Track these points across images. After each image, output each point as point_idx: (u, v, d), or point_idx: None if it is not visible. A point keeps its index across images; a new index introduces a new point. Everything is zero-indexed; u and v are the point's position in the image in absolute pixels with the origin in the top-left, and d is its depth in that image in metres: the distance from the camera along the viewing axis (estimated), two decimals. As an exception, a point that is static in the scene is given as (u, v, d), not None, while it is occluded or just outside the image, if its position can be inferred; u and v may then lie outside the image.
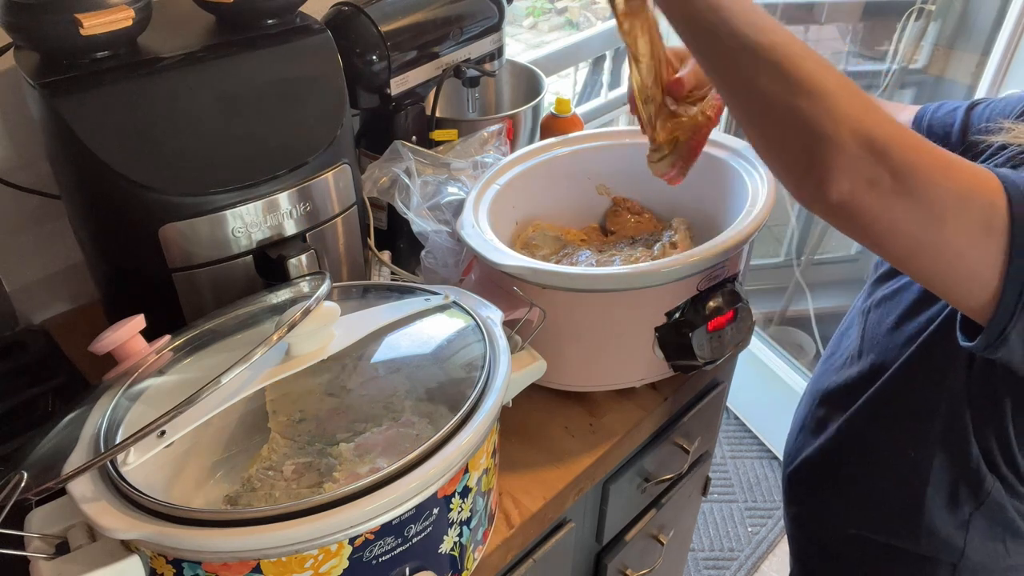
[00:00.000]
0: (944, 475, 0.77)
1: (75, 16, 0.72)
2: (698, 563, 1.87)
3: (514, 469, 0.85)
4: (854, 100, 0.56)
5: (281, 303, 0.76)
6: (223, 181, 0.77)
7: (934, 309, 0.75)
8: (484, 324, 0.72)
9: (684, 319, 0.84)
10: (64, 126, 0.72)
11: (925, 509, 0.79)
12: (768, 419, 2.15)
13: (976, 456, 0.75)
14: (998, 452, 0.74)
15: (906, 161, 0.55)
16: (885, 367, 0.80)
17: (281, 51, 0.84)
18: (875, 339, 0.83)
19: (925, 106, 0.87)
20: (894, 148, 0.54)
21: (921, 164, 0.55)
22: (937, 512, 0.78)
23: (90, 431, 0.62)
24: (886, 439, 0.81)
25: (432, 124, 1.11)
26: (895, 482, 0.81)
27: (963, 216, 0.56)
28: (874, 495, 0.84)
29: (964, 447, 0.75)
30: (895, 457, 0.80)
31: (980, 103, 0.82)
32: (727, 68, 0.61)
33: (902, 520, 0.81)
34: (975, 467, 0.75)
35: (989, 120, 0.79)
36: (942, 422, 0.76)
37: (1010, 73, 1.54)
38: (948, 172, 0.55)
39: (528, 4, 2.25)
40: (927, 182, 0.55)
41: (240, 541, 0.53)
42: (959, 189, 0.55)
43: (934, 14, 1.87)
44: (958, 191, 0.55)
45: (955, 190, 0.55)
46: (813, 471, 0.91)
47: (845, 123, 0.55)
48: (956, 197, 0.55)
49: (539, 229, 1.03)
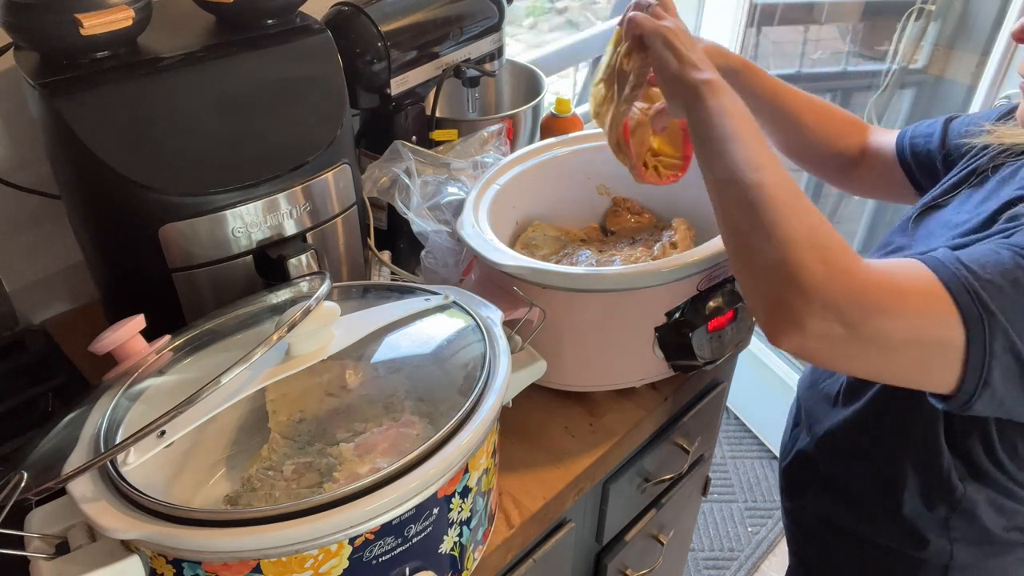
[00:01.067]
0: (916, 482, 0.78)
1: (75, 16, 0.71)
2: (698, 563, 1.87)
3: (514, 469, 0.85)
4: (814, 254, 0.59)
5: (281, 303, 0.76)
6: (223, 181, 0.77)
7: None
8: (484, 324, 0.72)
9: (684, 319, 0.84)
10: (64, 126, 0.72)
11: (905, 512, 0.79)
12: (768, 419, 2.15)
13: (948, 466, 0.75)
14: (984, 455, 0.74)
15: (857, 312, 0.58)
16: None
17: (281, 51, 0.84)
18: None
19: (903, 130, 0.91)
20: (845, 302, 0.58)
21: (873, 308, 0.58)
22: (917, 514, 0.79)
23: (90, 431, 0.62)
24: (869, 443, 0.82)
25: (432, 124, 1.11)
26: (877, 485, 0.82)
27: (919, 342, 0.60)
28: (860, 495, 0.84)
29: (935, 460, 0.76)
30: (877, 460, 0.81)
31: (956, 117, 0.86)
32: (717, 188, 0.67)
33: (887, 520, 0.81)
34: (946, 477, 0.76)
35: (968, 127, 0.81)
36: (915, 433, 0.76)
37: (1010, 73, 1.54)
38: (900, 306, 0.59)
39: (528, 4, 2.25)
40: (879, 326, 0.58)
41: (240, 541, 0.53)
42: (910, 322, 0.59)
43: (934, 14, 1.87)
44: (909, 325, 0.59)
45: (906, 324, 0.59)
46: (805, 466, 0.91)
47: (798, 278, 0.58)
48: (909, 330, 0.59)
49: (539, 229, 1.03)
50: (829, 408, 0.87)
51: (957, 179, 0.79)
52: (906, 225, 0.82)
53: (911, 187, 0.90)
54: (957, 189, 0.78)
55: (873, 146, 0.93)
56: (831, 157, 0.94)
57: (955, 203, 0.77)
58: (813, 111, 0.92)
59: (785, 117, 0.92)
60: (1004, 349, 0.59)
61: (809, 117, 0.92)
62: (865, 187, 0.98)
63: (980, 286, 0.58)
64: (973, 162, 0.78)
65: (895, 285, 0.59)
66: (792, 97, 0.91)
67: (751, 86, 0.89)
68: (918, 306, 0.59)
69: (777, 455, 2.12)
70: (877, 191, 0.97)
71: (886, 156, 0.91)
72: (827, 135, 0.93)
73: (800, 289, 0.58)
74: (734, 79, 0.87)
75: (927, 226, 0.78)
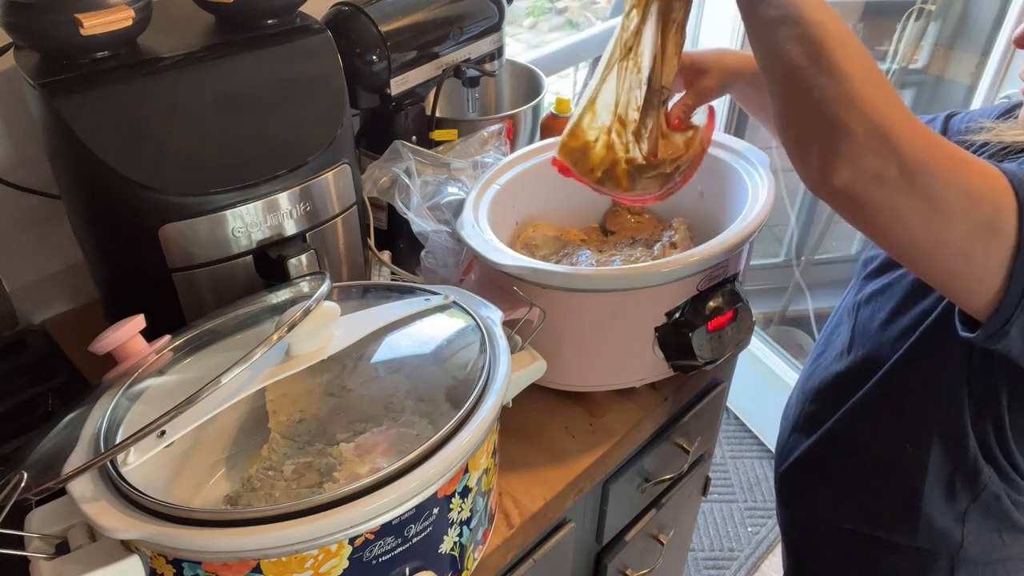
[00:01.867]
0: (941, 469, 0.77)
1: (75, 16, 0.71)
2: (698, 563, 1.87)
3: (514, 469, 0.85)
4: (877, 92, 0.56)
5: (281, 303, 0.76)
6: (223, 181, 0.77)
7: (927, 302, 0.76)
8: (484, 324, 0.72)
9: (684, 319, 0.84)
10: (64, 126, 0.72)
11: (923, 503, 0.79)
12: (768, 419, 2.15)
13: (974, 449, 0.75)
14: (995, 444, 0.74)
15: (917, 158, 0.55)
16: (879, 362, 0.80)
17: (281, 51, 0.84)
18: (867, 335, 0.83)
19: None
20: (905, 144, 0.55)
21: (932, 161, 0.55)
22: (935, 506, 0.79)
23: (90, 431, 0.62)
24: (882, 434, 0.81)
25: (432, 124, 1.11)
26: (891, 477, 0.81)
27: (970, 216, 0.56)
28: (870, 490, 0.84)
29: (962, 440, 0.75)
30: (891, 452, 0.80)
31: (957, 113, 0.84)
32: (770, 28, 0.62)
33: (900, 515, 0.81)
34: (972, 460, 0.75)
35: (968, 124, 0.80)
36: (939, 416, 0.76)
37: (1010, 73, 1.54)
38: (960, 171, 0.56)
39: (528, 4, 2.25)
40: (935, 180, 0.55)
41: (240, 541, 0.53)
42: (968, 188, 0.56)
43: (934, 14, 1.87)
44: (967, 190, 0.56)
45: (964, 189, 0.56)
46: (806, 468, 0.91)
47: (860, 112, 0.55)
48: (964, 197, 0.56)
49: (539, 229, 1.03)
50: (837, 397, 0.86)
51: None
52: None
53: None
54: None
55: None
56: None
57: None
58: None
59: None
60: None
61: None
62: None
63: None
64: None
65: (959, 153, 0.57)
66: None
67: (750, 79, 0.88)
68: (978, 178, 0.56)
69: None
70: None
71: None
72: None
73: (864, 119, 0.55)
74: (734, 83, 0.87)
75: None
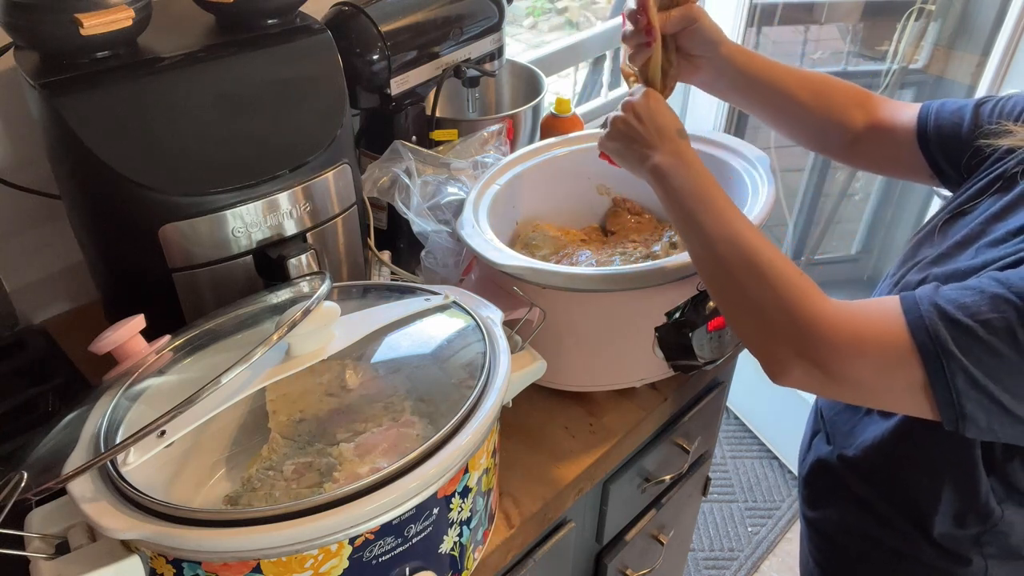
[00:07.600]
0: (950, 506, 0.76)
1: (75, 16, 0.72)
2: (698, 563, 1.87)
3: (514, 469, 0.85)
4: (780, 314, 0.66)
5: (281, 303, 0.76)
6: (223, 181, 0.77)
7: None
8: (484, 324, 0.72)
9: (684, 319, 0.84)
10: (64, 126, 0.72)
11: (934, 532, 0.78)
12: (768, 419, 2.15)
13: (985, 491, 0.74)
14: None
15: (822, 360, 0.64)
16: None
17: (281, 51, 0.84)
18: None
19: (927, 104, 0.86)
20: (812, 351, 0.64)
21: (835, 355, 0.64)
22: (946, 533, 0.77)
23: (90, 431, 0.62)
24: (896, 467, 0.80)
25: (432, 124, 1.11)
26: (904, 506, 0.80)
27: (885, 383, 0.64)
28: (886, 513, 0.82)
29: (973, 484, 0.74)
30: (905, 483, 0.79)
31: (987, 101, 0.81)
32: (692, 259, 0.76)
33: (917, 536, 0.80)
34: (984, 501, 0.74)
35: (998, 118, 0.78)
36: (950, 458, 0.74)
37: (1010, 73, 1.54)
38: (859, 351, 0.63)
39: (528, 4, 2.25)
40: (845, 371, 0.64)
41: (240, 541, 0.53)
42: (873, 365, 0.63)
43: (934, 14, 1.87)
44: (872, 367, 0.64)
45: (869, 368, 0.64)
46: (829, 477, 0.88)
47: (772, 337, 0.67)
48: (871, 372, 0.64)
49: (539, 229, 1.03)
50: (855, 422, 0.84)
51: (983, 184, 0.76)
52: (932, 234, 0.79)
53: (926, 166, 0.86)
54: (982, 195, 0.75)
55: (885, 122, 0.89)
56: (831, 132, 0.91)
57: (980, 209, 0.74)
58: (806, 87, 0.89)
59: (776, 95, 0.89)
60: (970, 386, 0.60)
61: (803, 94, 0.89)
62: (870, 162, 0.94)
63: (944, 326, 0.60)
64: (999, 166, 0.75)
65: (856, 329, 0.64)
66: (782, 74, 0.89)
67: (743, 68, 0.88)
68: (876, 349, 0.63)
69: (778, 456, 2.12)
70: (884, 167, 0.94)
71: (899, 134, 0.87)
72: (824, 110, 0.89)
73: (776, 343, 0.66)
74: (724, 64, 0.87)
75: (954, 235, 0.76)
